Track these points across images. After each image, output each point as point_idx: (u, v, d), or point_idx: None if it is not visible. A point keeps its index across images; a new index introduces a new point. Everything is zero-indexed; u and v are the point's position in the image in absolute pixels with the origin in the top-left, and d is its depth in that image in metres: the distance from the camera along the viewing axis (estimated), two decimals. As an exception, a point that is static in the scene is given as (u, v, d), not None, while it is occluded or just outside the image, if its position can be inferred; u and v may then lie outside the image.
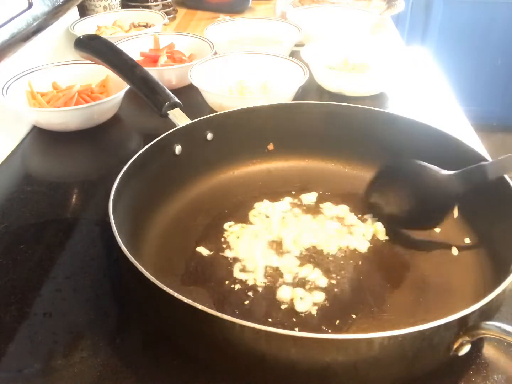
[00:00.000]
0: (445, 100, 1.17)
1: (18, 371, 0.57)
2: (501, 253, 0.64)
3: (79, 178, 0.93)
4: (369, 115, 0.85)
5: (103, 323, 0.63)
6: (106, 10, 1.54)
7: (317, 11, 1.55)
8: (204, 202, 0.80)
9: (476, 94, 2.83)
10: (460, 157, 0.73)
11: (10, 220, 0.81)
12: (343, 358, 0.48)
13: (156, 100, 0.79)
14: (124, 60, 0.85)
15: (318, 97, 1.17)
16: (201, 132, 0.82)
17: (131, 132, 1.10)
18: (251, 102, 0.98)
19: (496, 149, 1.08)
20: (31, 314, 0.64)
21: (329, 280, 0.66)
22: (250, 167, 0.88)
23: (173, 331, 0.58)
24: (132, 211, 0.68)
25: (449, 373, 0.56)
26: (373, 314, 0.62)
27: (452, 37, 2.84)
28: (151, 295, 0.55)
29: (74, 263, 0.72)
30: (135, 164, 0.70)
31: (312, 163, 0.89)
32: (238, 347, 0.50)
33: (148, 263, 0.65)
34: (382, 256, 0.70)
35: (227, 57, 1.17)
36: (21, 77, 1.05)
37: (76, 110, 1.00)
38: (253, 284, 0.65)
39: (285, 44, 1.32)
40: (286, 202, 0.80)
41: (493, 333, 0.49)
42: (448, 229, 0.74)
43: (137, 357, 0.58)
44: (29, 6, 0.99)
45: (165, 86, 0.81)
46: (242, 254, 0.69)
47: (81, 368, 0.57)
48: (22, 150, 1.01)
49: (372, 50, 1.25)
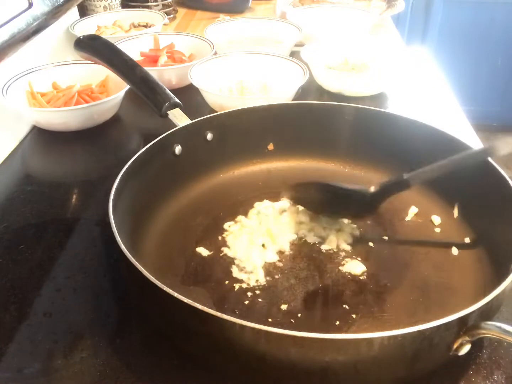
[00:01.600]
0: (445, 100, 1.17)
1: (18, 371, 0.57)
2: (501, 253, 0.64)
3: (79, 178, 0.93)
4: (369, 115, 0.85)
5: (103, 323, 0.63)
6: (106, 10, 1.54)
7: (317, 11, 1.55)
8: (204, 202, 0.80)
9: (476, 94, 2.83)
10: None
11: (10, 220, 0.81)
12: (343, 358, 0.48)
13: (156, 100, 0.79)
14: (124, 60, 0.85)
15: (318, 97, 1.17)
16: (201, 132, 0.82)
17: (131, 132, 1.10)
18: (251, 102, 0.98)
19: (496, 149, 1.07)
20: (31, 314, 0.64)
21: (329, 280, 0.66)
22: (250, 167, 0.88)
23: (173, 331, 0.58)
24: (132, 211, 0.68)
25: (449, 373, 0.56)
26: (373, 314, 0.62)
27: (452, 37, 2.84)
28: (151, 295, 0.55)
29: (74, 263, 0.72)
30: (135, 164, 0.70)
31: (312, 163, 0.89)
32: (238, 347, 0.50)
33: (148, 263, 0.65)
34: (382, 256, 0.70)
35: (227, 57, 1.17)
36: (21, 77, 1.05)
37: (76, 110, 1.00)
38: (253, 284, 0.65)
39: (285, 44, 1.32)
40: (286, 202, 0.80)
41: (493, 333, 0.49)
42: (448, 229, 0.75)
43: (137, 357, 0.58)
44: (29, 6, 0.99)
45: (165, 86, 0.81)
46: (241, 254, 0.69)
47: (81, 368, 0.57)
48: (22, 150, 1.01)
49: (372, 50, 1.25)
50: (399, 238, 0.74)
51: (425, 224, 0.76)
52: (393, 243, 0.73)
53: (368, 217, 0.76)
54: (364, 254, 0.70)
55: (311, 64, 1.13)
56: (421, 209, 0.78)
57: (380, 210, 0.78)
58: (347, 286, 0.65)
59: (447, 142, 0.76)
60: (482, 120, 2.28)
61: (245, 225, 0.74)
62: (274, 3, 1.76)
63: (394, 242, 0.73)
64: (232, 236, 0.73)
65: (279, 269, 0.68)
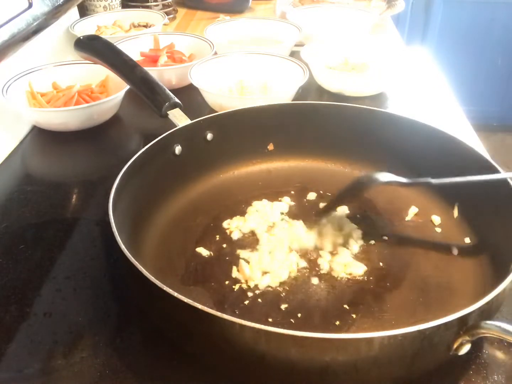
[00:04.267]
0: (445, 100, 1.17)
1: (18, 371, 0.57)
2: (501, 253, 0.64)
3: (79, 178, 0.93)
4: (369, 115, 0.85)
5: (103, 323, 0.63)
6: (106, 10, 1.54)
7: (317, 11, 1.55)
8: (204, 202, 0.80)
9: (476, 94, 2.83)
10: (460, 157, 0.73)
11: (10, 220, 0.81)
12: (343, 357, 0.48)
13: (156, 100, 0.79)
14: (124, 60, 0.85)
15: (318, 97, 1.17)
16: (201, 132, 0.82)
17: (131, 132, 1.10)
18: (251, 102, 0.98)
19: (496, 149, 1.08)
20: (31, 314, 0.64)
21: (329, 280, 0.66)
22: (250, 167, 0.88)
23: (173, 331, 0.58)
24: (132, 211, 0.68)
25: (449, 373, 0.56)
26: (373, 314, 0.62)
27: (452, 37, 2.84)
28: (151, 295, 0.55)
29: (74, 263, 0.72)
30: (135, 164, 0.70)
31: (312, 163, 0.89)
32: (238, 347, 0.50)
33: (148, 263, 0.65)
34: (382, 256, 0.70)
35: (227, 57, 1.17)
36: (21, 77, 1.05)
37: (76, 110, 1.00)
38: (253, 284, 0.65)
39: (285, 44, 1.32)
40: (286, 202, 0.80)
41: (493, 333, 0.49)
42: (448, 229, 0.75)
43: (137, 357, 0.58)
44: (29, 6, 0.99)
45: (165, 86, 0.81)
46: (241, 254, 0.69)
47: (81, 368, 0.57)
48: (22, 150, 1.01)
49: (372, 50, 1.25)
50: (399, 238, 0.74)
51: (425, 224, 0.76)
52: (393, 243, 0.73)
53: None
54: (364, 254, 0.70)
55: (311, 64, 1.13)
56: (421, 209, 0.78)
57: (380, 210, 0.78)
58: (347, 286, 0.65)
59: (447, 142, 0.76)
60: (482, 120, 2.27)
61: (245, 224, 0.74)
62: (274, 3, 1.76)
63: (394, 242, 0.73)
64: (232, 236, 0.73)
65: (278, 268, 0.67)
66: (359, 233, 0.73)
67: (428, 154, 0.77)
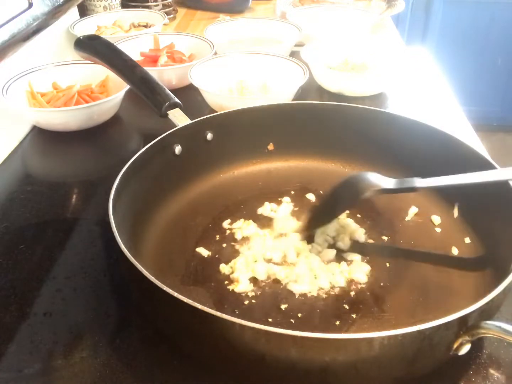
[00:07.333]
0: (445, 100, 1.17)
1: (18, 371, 0.57)
2: (501, 253, 0.64)
3: (79, 178, 0.93)
4: (369, 115, 0.85)
5: (103, 323, 0.63)
6: (106, 10, 1.54)
7: (317, 11, 1.55)
8: (204, 202, 0.80)
9: (476, 94, 2.83)
10: (460, 157, 0.73)
11: (10, 220, 0.81)
12: (343, 358, 0.48)
13: (156, 100, 0.79)
14: (124, 60, 0.85)
15: (318, 97, 1.17)
16: (201, 132, 0.82)
17: (131, 132, 1.10)
18: (251, 102, 0.98)
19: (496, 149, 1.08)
20: (31, 314, 0.64)
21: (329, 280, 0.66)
22: (250, 167, 0.88)
23: (173, 331, 0.58)
24: (132, 211, 0.68)
25: (449, 373, 0.56)
26: (373, 314, 0.62)
27: (452, 37, 2.84)
28: (151, 295, 0.55)
29: (74, 263, 0.72)
30: (135, 164, 0.70)
31: (312, 163, 0.89)
32: (238, 347, 0.50)
33: (148, 263, 0.65)
34: (382, 256, 0.70)
35: (227, 57, 1.17)
36: (21, 77, 1.05)
37: (76, 110, 1.00)
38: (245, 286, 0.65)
39: (285, 44, 1.32)
40: (286, 203, 0.80)
41: (493, 333, 0.49)
42: (448, 229, 0.75)
43: (137, 357, 0.58)
44: (29, 6, 0.99)
45: (165, 86, 0.81)
46: (242, 254, 0.69)
47: (81, 368, 0.57)
48: (22, 150, 1.01)
49: (372, 50, 1.25)
50: (399, 238, 0.74)
51: (425, 224, 0.76)
52: (393, 243, 0.73)
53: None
54: (364, 254, 0.70)
55: (311, 64, 1.13)
56: (421, 209, 0.78)
57: (380, 210, 0.78)
58: (347, 286, 0.65)
59: (447, 142, 0.76)
60: (482, 120, 2.27)
61: (245, 223, 0.74)
62: (274, 3, 1.76)
63: (394, 242, 0.73)
64: (232, 236, 0.73)
65: (278, 269, 0.67)
66: (359, 233, 0.73)
67: (428, 154, 0.77)
